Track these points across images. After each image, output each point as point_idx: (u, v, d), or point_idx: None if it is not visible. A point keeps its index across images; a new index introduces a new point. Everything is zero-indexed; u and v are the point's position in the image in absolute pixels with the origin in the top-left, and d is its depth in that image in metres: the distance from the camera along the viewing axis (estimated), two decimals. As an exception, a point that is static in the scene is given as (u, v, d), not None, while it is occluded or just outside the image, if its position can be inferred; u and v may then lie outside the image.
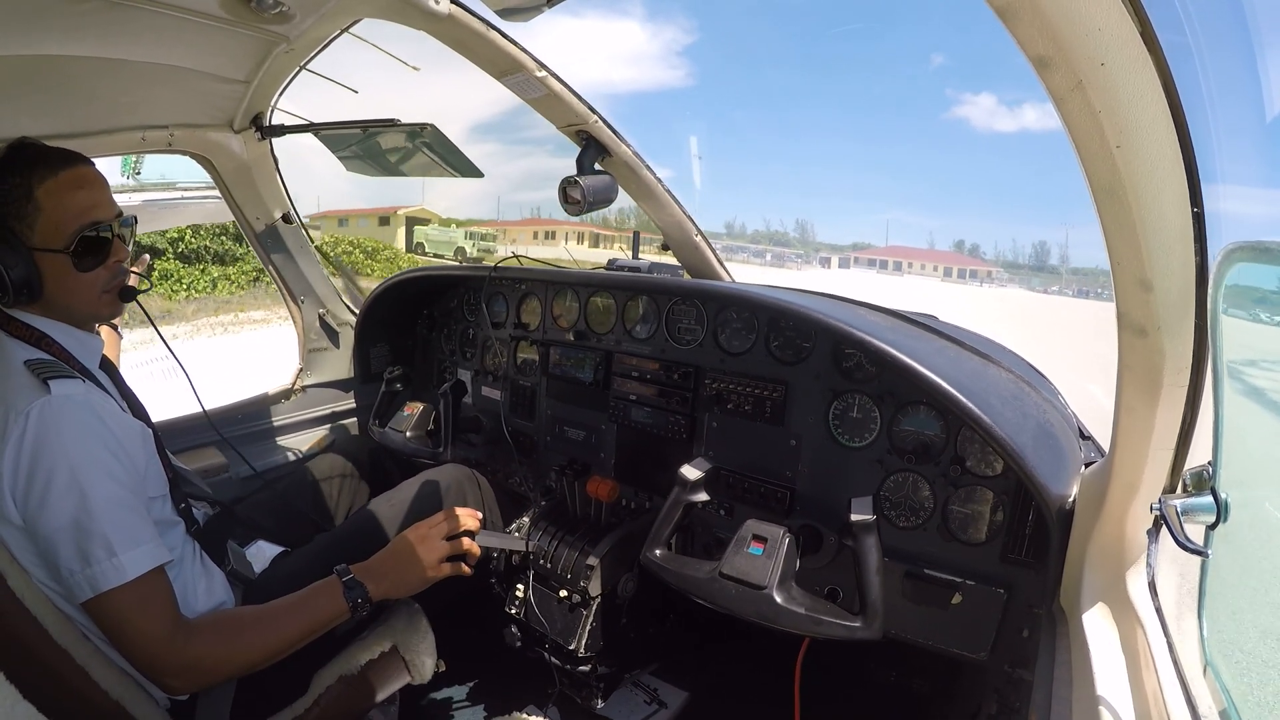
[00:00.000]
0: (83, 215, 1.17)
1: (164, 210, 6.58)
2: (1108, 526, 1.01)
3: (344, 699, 1.44)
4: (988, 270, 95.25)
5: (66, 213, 1.15)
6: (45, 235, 1.14)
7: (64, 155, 1.18)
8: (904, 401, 1.43)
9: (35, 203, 1.13)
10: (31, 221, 1.13)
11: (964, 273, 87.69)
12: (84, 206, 1.17)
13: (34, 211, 1.13)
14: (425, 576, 1.36)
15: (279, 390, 2.44)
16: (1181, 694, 0.79)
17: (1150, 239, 0.69)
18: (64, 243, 1.15)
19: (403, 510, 1.71)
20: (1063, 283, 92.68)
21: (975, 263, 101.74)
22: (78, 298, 1.21)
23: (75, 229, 1.16)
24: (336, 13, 1.43)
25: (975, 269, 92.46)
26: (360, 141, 2.09)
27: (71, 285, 1.18)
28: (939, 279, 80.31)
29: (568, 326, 2.05)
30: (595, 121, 1.71)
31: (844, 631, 1.16)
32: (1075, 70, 0.60)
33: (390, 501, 1.75)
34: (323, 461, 2.12)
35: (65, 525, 1.04)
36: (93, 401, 1.12)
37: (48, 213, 1.14)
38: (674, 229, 2.14)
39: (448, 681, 1.66)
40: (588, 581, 1.64)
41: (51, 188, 1.14)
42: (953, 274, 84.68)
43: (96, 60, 1.44)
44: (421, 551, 1.36)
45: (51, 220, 1.14)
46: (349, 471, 2.12)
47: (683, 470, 1.41)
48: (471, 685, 1.98)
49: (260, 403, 2.38)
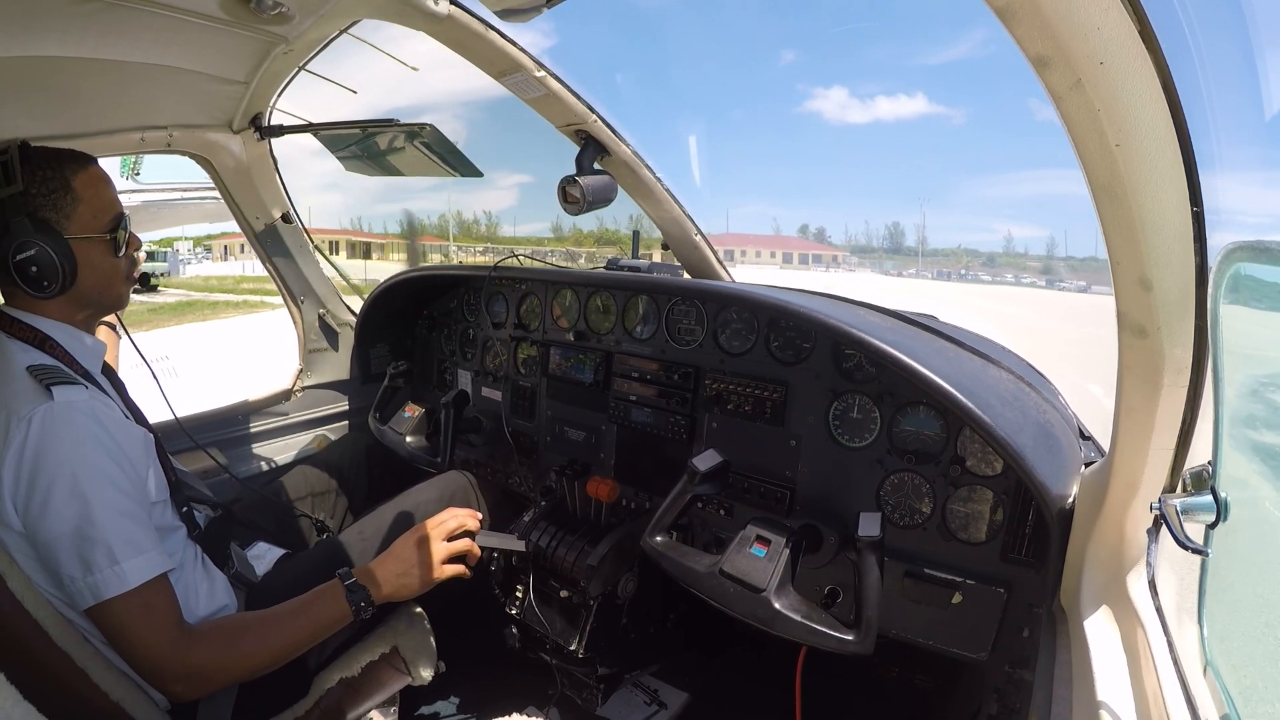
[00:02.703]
0: (113, 206, 1.25)
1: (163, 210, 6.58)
2: (1108, 526, 1.01)
3: (345, 701, 1.45)
4: (833, 255, 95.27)
5: (103, 202, 1.23)
6: (83, 224, 1.20)
7: (79, 153, 1.24)
8: (904, 402, 1.43)
9: (74, 193, 1.19)
10: (69, 211, 1.18)
11: (806, 258, 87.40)
12: (112, 199, 1.26)
13: (72, 202, 1.19)
14: (427, 578, 1.36)
15: (279, 391, 2.45)
16: (1181, 693, 0.79)
17: (1150, 238, 0.69)
18: (103, 228, 1.23)
19: (403, 514, 1.71)
20: (920, 265, 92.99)
21: (820, 248, 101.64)
22: (108, 284, 1.27)
23: (111, 217, 1.24)
24: (335, 14, 1.43)
25: (820, 254, 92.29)
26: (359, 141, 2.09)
27: (106, 271, 1.25)
28: (777, 265, 79.71)
29: (568, 327, 2.05)
30: (594, 121, 1.71)
31: (836, 644, 1.17)
32: (1074, 69, 0.60)
33: (391, 505, 1.75)
34: (323, 462, 2.12)
35: (67, 532, 1.04)
36: (95, 408, 1.12)
37: (87, 201, 1.20)
38: (673, 228, 2.14)
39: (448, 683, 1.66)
40: (588, 582, 1.64)
41: (86, 179, 1.21)
42: (793, 260, 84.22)
43: (96, 61, 1.45)
44: (422, 553, 1.36)
45: (91, 209, 1.21)
46: (349, 472, 2.12)
47: (693, 461, 1.40)
48: (472, 686, 1.98)
49: (260, 404, 2.38)
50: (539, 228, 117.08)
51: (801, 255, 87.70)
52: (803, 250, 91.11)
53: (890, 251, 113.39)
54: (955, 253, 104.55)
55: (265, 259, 2.36)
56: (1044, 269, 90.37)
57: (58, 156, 1.19)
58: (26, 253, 1.13)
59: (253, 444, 2.36)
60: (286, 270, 2.39)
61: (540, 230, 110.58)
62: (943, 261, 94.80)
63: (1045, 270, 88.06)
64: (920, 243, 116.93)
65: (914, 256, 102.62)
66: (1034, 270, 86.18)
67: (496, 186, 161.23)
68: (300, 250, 2.39)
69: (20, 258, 1.12)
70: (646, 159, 1.87)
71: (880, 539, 1.20)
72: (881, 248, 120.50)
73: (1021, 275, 76.11)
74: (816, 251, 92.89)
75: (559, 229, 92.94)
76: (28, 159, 1.15)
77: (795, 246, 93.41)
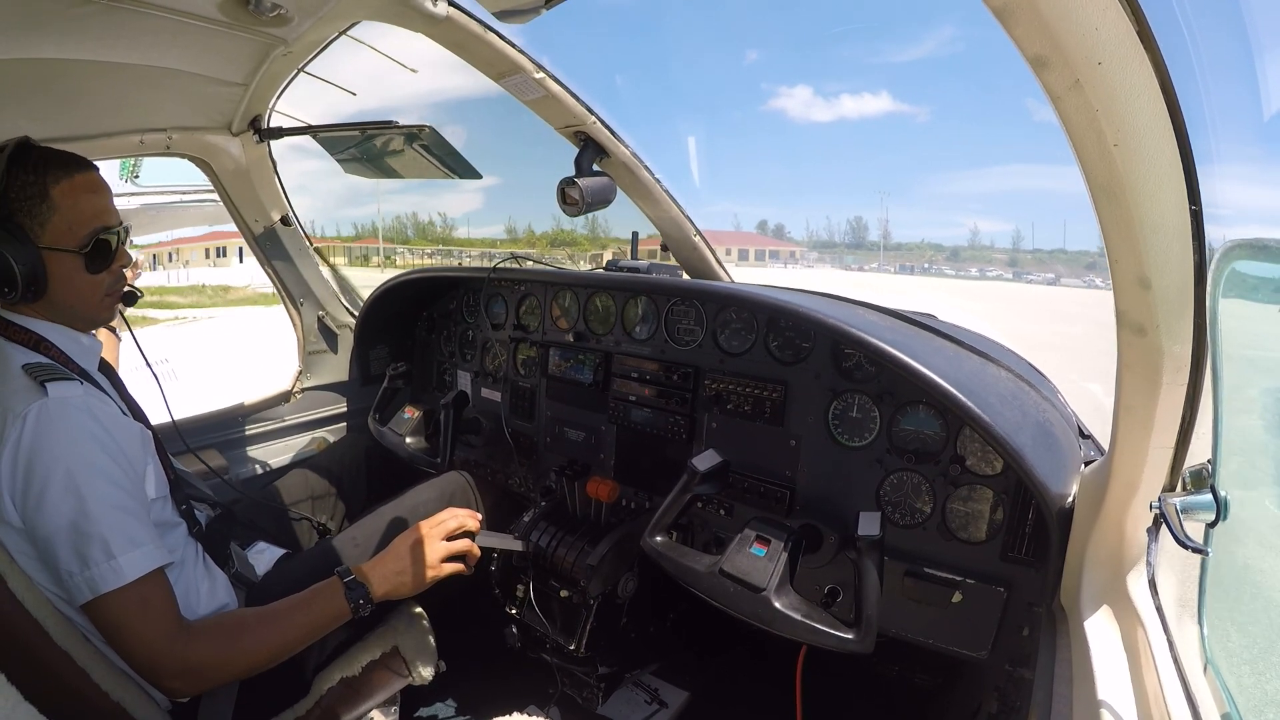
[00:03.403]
0: (95, 218, 1.19)
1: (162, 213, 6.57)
2: (1107, 525, 1.01)
3: (345, 700, 1.45)
4: (791, 250, 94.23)
5: (81, 214, 1.17)
6: (57, 234, 1.15)
7: (74, 157, 1.19)
8: (903, 401, 1.43)
9: (50, 202, 1.13)
10: (44, 220, 1.13)
11: (763, 254, 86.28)
12: (97, 209, 1.19)
13: (48, 210, 1.13)
14: (426, 577, 1.36)
15: (278, 393, 2.45)
16: (1182, 692, 0.79)
17: (1148, 237, 0.69)
18: (77, 243, 1.16)
19: (403, 514, 1.71)
20: (881, 259, 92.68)
21: (776, 243, 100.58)
22: (82, 299, 1.22)
23: (89, 231, 1.17)
24: (334, 15, 1.43)
25: (778, 249, 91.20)
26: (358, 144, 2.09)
27: (78, 286, 1.19)
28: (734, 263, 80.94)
29: (567, 327, 2.05)
30: (593, 122, 1.71)
31: (836, 642, 1.17)
32: (1073, 69, 0.60)
33: (391, 506, 1.75)
34: (322, 464, 2.12)
35: (63, 527, 1.04)
36: (90, 404, 1.12)
37: (63, 212, 1.15)
38: (672, 229, 2.14)
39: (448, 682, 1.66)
40: (588, 581, 1.64)
41: (66, 188, 1.15)
42: (749, 256, 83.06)
43: (95, 64, 1.45)
44: (422, 552, 1.36)
45: (66, 220, 1.15)
46: (349, 473, 2.13)
47: (693, 461, 1.41)
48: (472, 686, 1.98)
49: (260, 405, 2.38)
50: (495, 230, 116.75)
51: (758, 251, 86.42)
52: (759, 246, 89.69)
53: (852, 246, 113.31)
54: (919, 247, 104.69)
55: (264, 261, 2.36)
56: (1010, 261, 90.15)
57: (45, 161, 1.14)
58: None
59: (252, 446, 2.36)
60: (285, 273, 2.39)
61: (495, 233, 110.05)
62: (906, 256, 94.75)
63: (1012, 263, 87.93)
64: (883, 237, 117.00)
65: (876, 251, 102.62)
66: (1000, 263, 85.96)
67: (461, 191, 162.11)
68: (299, 253, 2.39)
69: None
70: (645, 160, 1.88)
71: (880, 538, 1.20)
72: (843, 243, 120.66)
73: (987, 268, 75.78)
74: (774, 248, 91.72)
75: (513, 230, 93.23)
76: (15, 160, 1.12)
77: (752, 243, 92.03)
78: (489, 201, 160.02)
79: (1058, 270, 75.71)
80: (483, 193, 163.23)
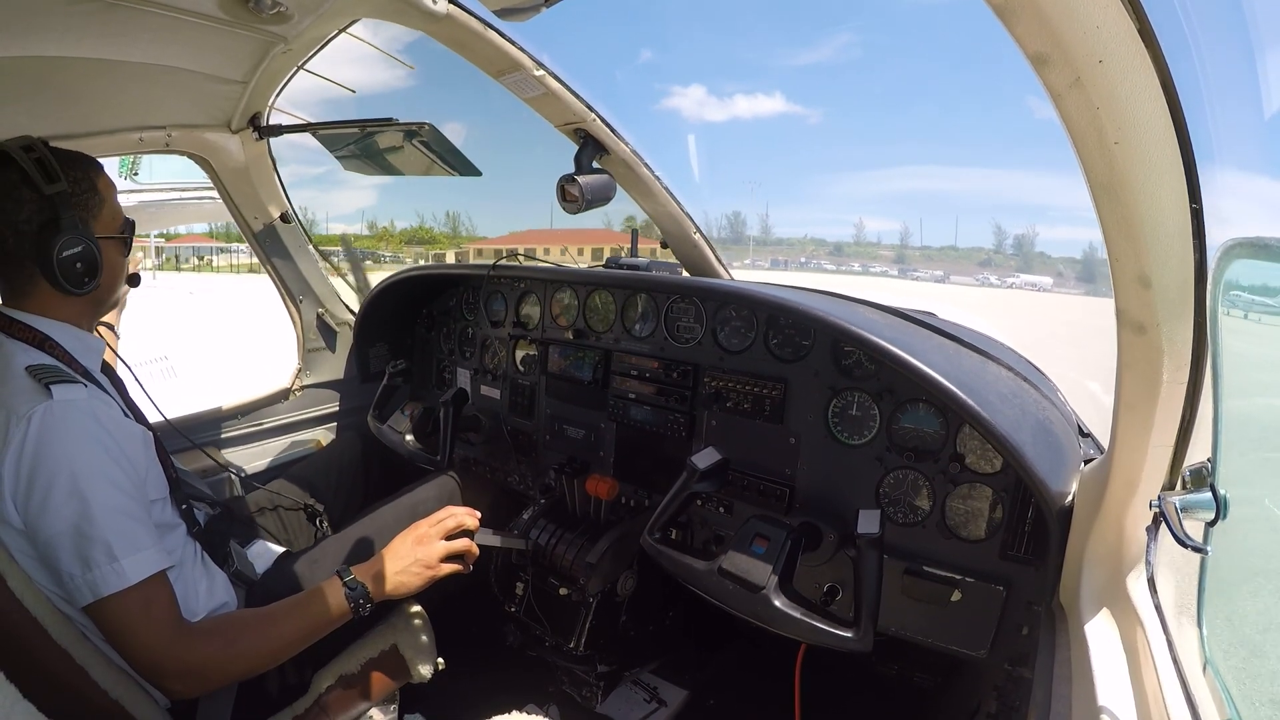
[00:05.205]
0: (122, 208, 1.30)
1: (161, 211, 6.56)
2: (1107, 523, 1.01)
3: (344, 698, 1.45)
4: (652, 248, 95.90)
5: (117, 204, 1.28)
6: (105, 224, 1.24)
7: (90, 156, 1.27)
8: (903, 399, 1.43)
9: (99, 195, 1.23)
10: (96, 211, 1.22)
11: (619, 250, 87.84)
12: (119, 201, 1.30)
13: (98, 203, 1.23)
14: (425, 576, 1.36)
15: (277, 390, 2.44)
16: (1181, 691, 0.79)
17: (1149, 236, 0.69)
18: (119, 229, 1.28)
19: (402, 512, 1.71)
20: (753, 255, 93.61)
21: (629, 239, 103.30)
22: (116, 283, 1.31)
23: (124, 218, 1.30)
24: (334, 13, 1.43)
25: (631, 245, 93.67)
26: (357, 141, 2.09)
27: (117, 269, 1.30)
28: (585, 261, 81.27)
29: (567, 325, 2.05)
30: (593, 120, 1.71)
31: (836, 641, 1.17)
32: (1073, 67, 0.60)
33: (390, 504, 1.75)
34: (322, 461, 2.12)
35: (66, 530, 1.04)
36: (94, 407, 1.12)
37: (109, 203, 1.25)
38: (672, 226, 2.14)
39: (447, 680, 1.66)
40: (587, 579, 1.65)
41: (104, 181, 1.25)
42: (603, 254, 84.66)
43: (94, 61, 1.44)
44: (421, 551, 1.36)
45: (110, 210, 1.26)
46: (348, 471, 2.12)
47: (693, 458, 1.41)
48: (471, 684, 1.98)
49: (259, 403, 2.38)
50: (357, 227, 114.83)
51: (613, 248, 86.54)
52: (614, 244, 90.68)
53: (730, 242, 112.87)
54: (801, 242, 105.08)
55: (264, 259, 2.36)
56: (897, 258, 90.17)
57: (79, 158, 1.22)
58: (73, 249, 1.15)
59: (252, 443, 2.35)
60: (285, 270, 2.39)
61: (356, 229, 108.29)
62: (784, 251, 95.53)
63: (899, 259, 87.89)
64: (763, 231, 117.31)
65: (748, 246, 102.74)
66: (886, 259, 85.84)
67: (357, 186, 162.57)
68: (299, 250, 2.39)
69: (67, 254, 1.14)
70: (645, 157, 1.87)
71: (879, 536, 1.20)
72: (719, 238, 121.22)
73: (870, 264, 75.32)
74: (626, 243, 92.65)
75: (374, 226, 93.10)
76: (68, 161, 1.18)
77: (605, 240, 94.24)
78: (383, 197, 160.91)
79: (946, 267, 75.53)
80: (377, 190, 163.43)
